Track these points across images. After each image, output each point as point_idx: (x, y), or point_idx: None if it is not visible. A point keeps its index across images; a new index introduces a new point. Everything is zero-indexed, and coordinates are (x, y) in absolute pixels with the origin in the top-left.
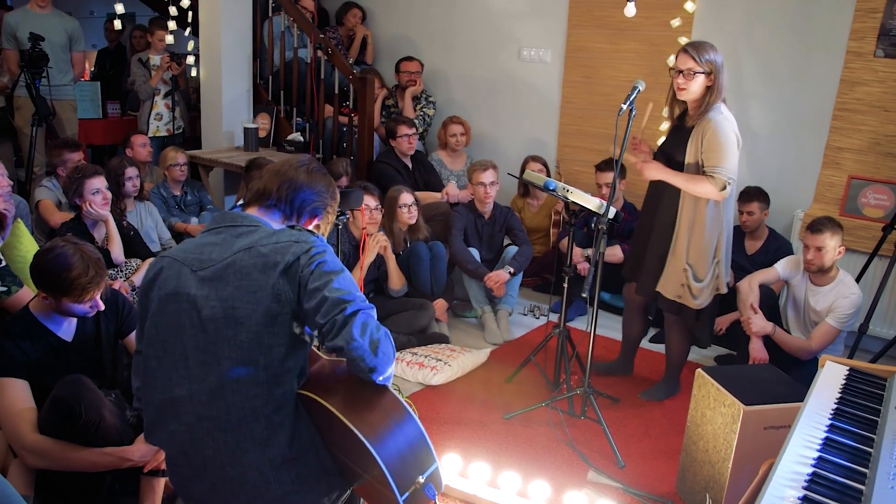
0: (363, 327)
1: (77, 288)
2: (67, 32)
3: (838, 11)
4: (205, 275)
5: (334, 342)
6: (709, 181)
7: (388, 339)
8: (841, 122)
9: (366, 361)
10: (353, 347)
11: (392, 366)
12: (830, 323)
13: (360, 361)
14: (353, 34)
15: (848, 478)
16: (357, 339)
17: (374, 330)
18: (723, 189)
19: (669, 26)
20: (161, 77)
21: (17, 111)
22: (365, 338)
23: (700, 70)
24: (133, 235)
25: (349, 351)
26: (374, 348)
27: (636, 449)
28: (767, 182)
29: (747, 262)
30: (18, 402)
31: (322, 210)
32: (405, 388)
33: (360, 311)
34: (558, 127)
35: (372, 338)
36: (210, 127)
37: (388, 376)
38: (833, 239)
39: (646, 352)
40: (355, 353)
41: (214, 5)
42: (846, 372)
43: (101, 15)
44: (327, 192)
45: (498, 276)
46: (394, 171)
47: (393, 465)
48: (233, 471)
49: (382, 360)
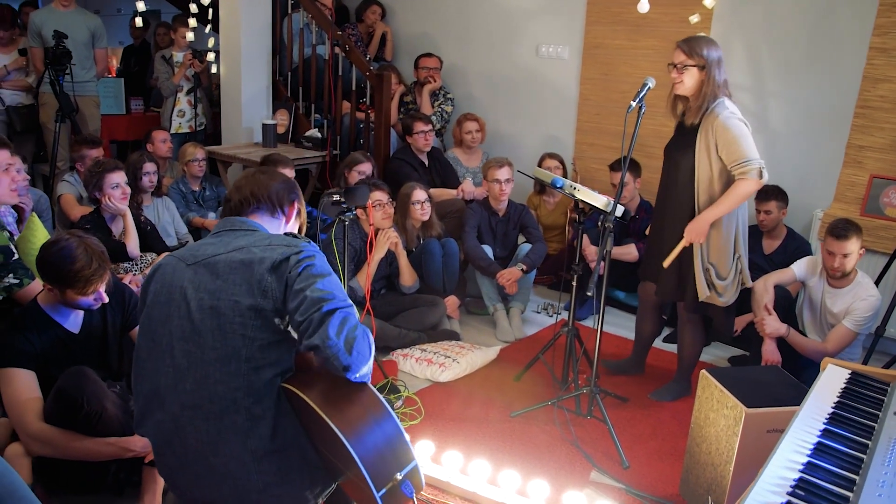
0: (340, 325)
1: (81, 280)
2: (90, 30)
3: (861, 6)
4: (197, 268)
5: (311, 340)
6: (741, 183)
7: (364, 338)
8: (863, 120)
9: (340, 360)
10: (328, 346)
11: (368, 364)
12: (847, 325)
13: (334, 360)
14: (373, 31)
15: (836, 484)
16: (332, 338)
17: (351, 329)
18: (760, 176)
19: (688, 23)
20: (184, 74)
21: (42, 107)
22: (341, 336)
23: (691, 63)
24: (149, 230)
25: (324, 349)
26: (348, 347)
27: (642, 450)
28: (786, 181)
29: (765, 262)
30: (25, 391)
31: (295, 195)
32: (413, 385)
33: (338, 309)
34: (575, 124)
35: (348, 336)
36: (230, 123)
37: (363, 374)
38: (857, 243)
39: (659, 351)
40: (330, 351)
41: (234, 3)
42: (847, 375)
43: (128, 12)
44: (288, 181)
45: (510, 274)
46: (410, 167)
47: (369, 461)
48: (215, 460)
49: (357, 358)
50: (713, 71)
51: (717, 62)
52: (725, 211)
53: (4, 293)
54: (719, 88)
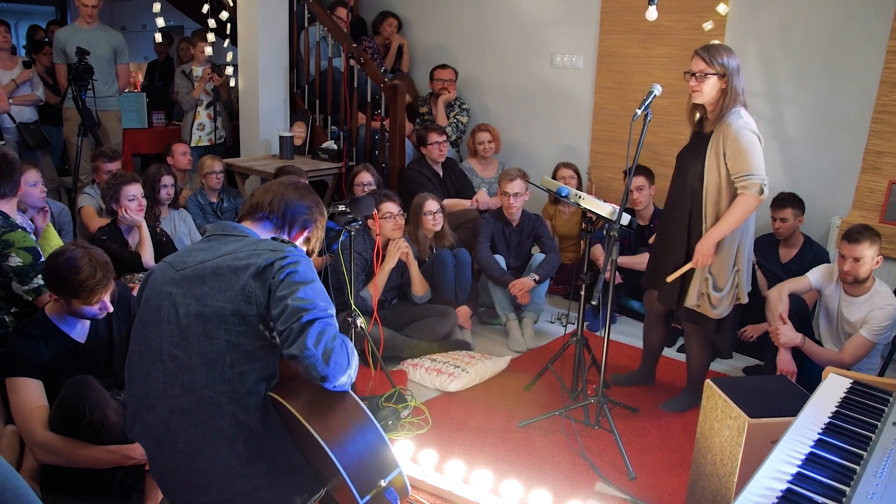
0: (318, 336)
1: (85, 290)
2: (112, 46)
3: (878, 9)
4: (185, 273)
5: (290, 350)
6: (742, 199)
7: (343, 348)
8: (881, 125)
9: (317, 370)
10: (306, 356)
11: (346, 374)
12: (864, 335)
13: (311, 370)
14: (390, 43)
15: (824, 496)
16: (310, 349)
17: (330, 339)
18: (761, 193)
19: (702, 30)
20: (203, 88)
21: (66, 122)
22: (319, 347)
23: (711, 72)
24: (165, 241)
25: (302, 359)
26: (326, 358)
27: (650, 460)
28: (803, 188)
29: (781, 271)
30: (32, 400)
31: (312, 223)
32: (422, 395)
33: (318, 319)
34: (591, 133)
35: (326, 347)
36: (248, 135)
37: (342, 384)
38: (871, 249)
39: (671, 361)
40: (307, 361)
41: (252, 17)
42: (848, 385)
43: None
44: (316, 208)
45: (522, 284)
46: (424, 178)
47: (352, 468)
48: (203, 464)
49: (334, 369)
50: (733, 80)
51: (737, 70)
52: (729, 229)
53: (33, 294)
54: (738, 97)
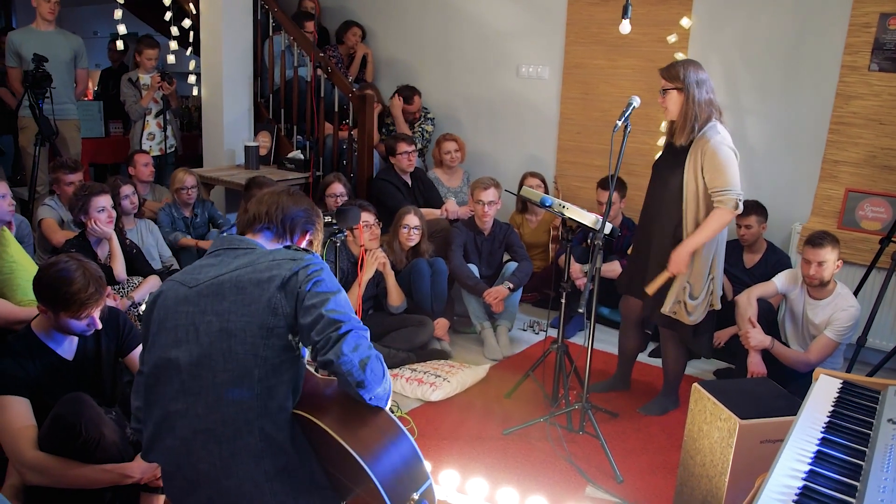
0: (355, 346)
1: (76, 303)
2: (73, 49)
3: (832, 26)
4: (200, 290)
5: (326, 356)
6: (717, 212)
7: (378, 360)
8: (837, 136)
9: (353, 376)
10: (343, 362)
11: (382, 386)
12: (829, 336)
13: (347, 376)
14: (354, 52)
15: (839, 491)
16: (347, 355)
17: (366, 349)
18: (735, 208)
19: (666, 42)
20: (152, 96)
21: (21, 131)
22: (355, 354)
23: (670, 86)
24: (135, 253)
25: (339, 365)
26: (362, 365)
27: (635, 464)
28: (765, 195)
29: (746, 276)
30: (19, 419)
31: (311, 227)
32: (404, 405)
33: (353, 330)
34: (557, 143)
35: (362, 356)
36: (211, 145)
37: (378, 395)
38: (833, 253)
39: (645, 366)
40: (344, 367)
41: (216, 25)
42: (839, 385)
43: (104, 35)
44: (312, 211)
45: (497, 292)
46: (394, 188)
47: (388, 482)
48: (228, 483)
49: (370, 376)
50: (692, 91)
51: (696, 83)
52: (703, 240)
53: None
54: (703, 109)
